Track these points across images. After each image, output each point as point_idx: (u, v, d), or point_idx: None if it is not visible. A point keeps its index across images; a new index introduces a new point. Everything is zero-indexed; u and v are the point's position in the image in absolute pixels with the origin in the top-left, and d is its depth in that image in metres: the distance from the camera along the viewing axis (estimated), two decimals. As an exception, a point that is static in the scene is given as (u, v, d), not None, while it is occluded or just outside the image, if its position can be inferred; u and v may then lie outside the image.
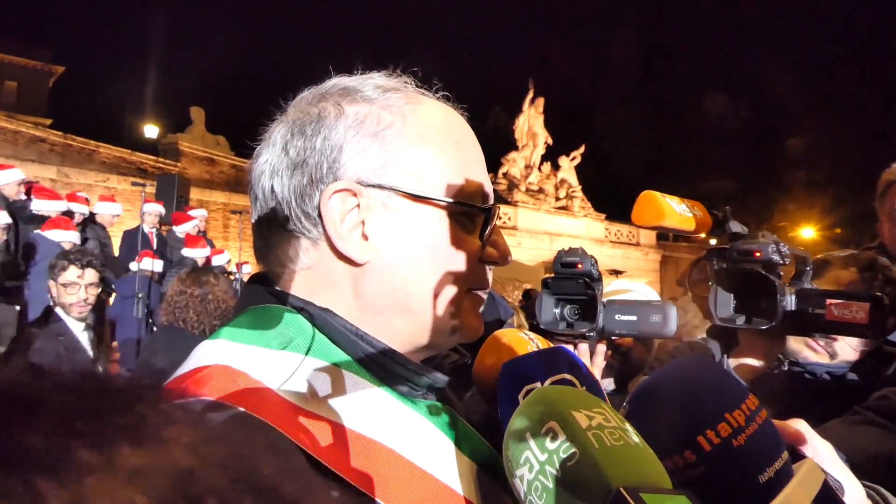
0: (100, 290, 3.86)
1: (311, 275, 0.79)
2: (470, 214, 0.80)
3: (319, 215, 0.76)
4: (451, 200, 0.78)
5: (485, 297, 0.87)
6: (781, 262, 1.26)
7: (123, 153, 19.32)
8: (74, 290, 3.65)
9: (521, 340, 0.95)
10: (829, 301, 1.23)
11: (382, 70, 0.87)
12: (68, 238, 6.84)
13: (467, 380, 1.01)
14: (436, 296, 0.78)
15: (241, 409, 0.63)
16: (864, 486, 0.83)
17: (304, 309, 0.77)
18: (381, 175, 0.77)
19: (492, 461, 0.78)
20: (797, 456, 0.77)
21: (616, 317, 1.33)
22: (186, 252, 8.43)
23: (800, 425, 0.81)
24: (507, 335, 0.97)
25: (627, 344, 2.13)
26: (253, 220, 0.85)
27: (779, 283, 1.23)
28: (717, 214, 1.28)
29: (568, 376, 0.79)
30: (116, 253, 8.95)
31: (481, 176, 0.83)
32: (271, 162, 0.80)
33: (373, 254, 0.77)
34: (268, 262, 0.83)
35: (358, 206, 0.76)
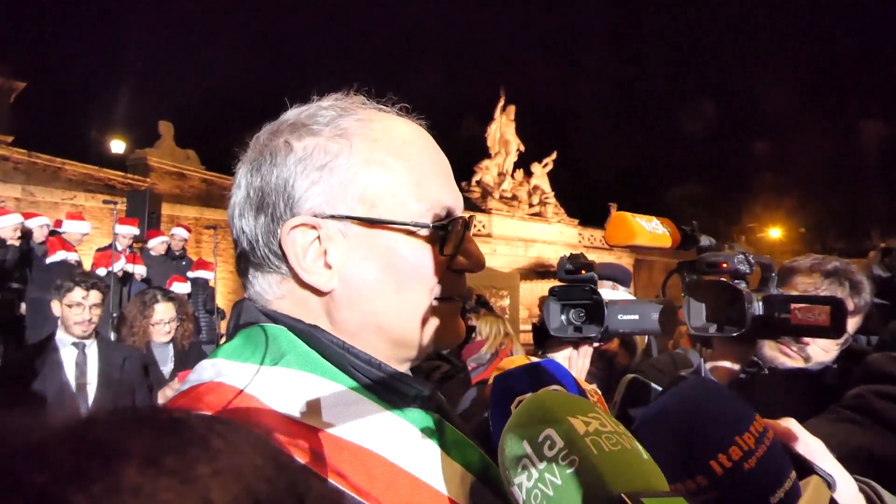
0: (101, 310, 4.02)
1: (286, 304, 0.83)
2: (444, 231, 0.82)
3: (283, 251, 0.80)
4: (405, 221, 0.80)
5: (459, 305, 0.90)
6: (747, 271, 1.34)
7: (90, 170, 18.93)
8: (79, 311, 3.83)
9: (532, 360, 0.99)
10: (793, 305, 1.31)
11: (342, 89, 0.88)
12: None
13: (459, 389, 1.05)
14: (405, 313, 0.81)
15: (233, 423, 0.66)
16: (856, 479, 0.84)
17: (294, 327, 0.80)
18: (334, 206, 0.79)
19: (484, 469, 0.80)
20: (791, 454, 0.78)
21: (619, 317, 1.38)
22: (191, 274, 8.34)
23: (790, 423, 0.82)
24: (515, 361, 1.01)
25: (612, 350, 2.20)
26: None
27: (745, 292, 1.30)
28: (686, 229, 1.35)
29: (557, 388, 0.80)
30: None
31: (440, 188, 0.84)
32: (238, 203, 0.84)
33: (337, 282, 0.80)
34: (250, 294, 0.87)
35: (318, 238, 0.79)
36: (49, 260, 7.86)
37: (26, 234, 8.15)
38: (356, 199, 0.80)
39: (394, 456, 0.73)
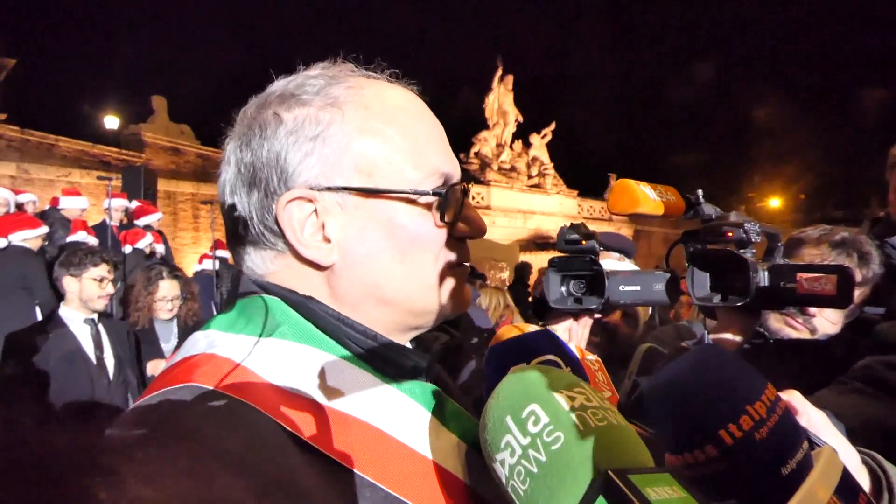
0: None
1: (281, 277, 0.81)
2: (442, 198, 0.80)
3: (280, 227, 0.78)
4: (403, 189, 0.78)
5: (466, 271, 0.89)
6: (753, 240, 1.31)
7: (85, 146, 18.79)
8: (104, 286, 3.90)
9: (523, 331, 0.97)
10: (799, 275, 1.28)
11: (333, 58, 0.86)
12: (37, 234, 6.51)
13: (458, 359, 1.04)
14: (408, 283, 0.80)
15: (227, 395, 0.66)
16: (859, 451, 0.83)
17: (289, 298, 0.79)
18: (330, 177, 0.77)
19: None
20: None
21: (620, 287, 1.36)
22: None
23: (792, 396, 0.81)
24: (512, 330, 0.99)
25: (615, 321, 2.18)
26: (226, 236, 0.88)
27: (751, 261, 1.27)
28: (690, 198, 1.32)
29: (553, 357, 0.79)
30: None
31: (436, 155, 0.83)
32: (229, 180, 0.82)
33: (338, 255, 0.78)
34: (244, 270, 0.85)
35: (315, 211, 0.77)
36: (70, 238, 7.68)
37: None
38: (352, 168, 0.78)
39: (387, 426, 0.73)
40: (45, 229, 6.72)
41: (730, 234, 1.27)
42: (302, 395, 0.70)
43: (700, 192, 1.38)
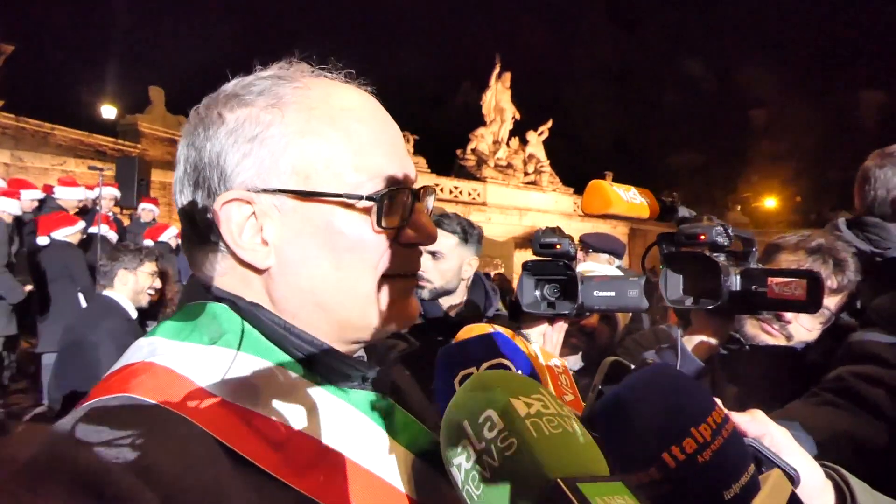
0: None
1: (230, 281, 0.79)
2: (379, 202, 0.77)
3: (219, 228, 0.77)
4: (342, 193, 0.75)
5: (412, 282, 0.85)
6: (726, 243, 1.32)
7: (80, 135, 18.70)
8: (155, 281, 4.15)
9: (486, 331, 0.97)
10: (770, 279, 1.29)
11: (290, 57, 0.84)
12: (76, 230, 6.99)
13: (419, 367, 1.01)
14: (343, 290, 0.77)
15: (159, 406, 0.64)
16: (824, 466, 0.82)
17: (236, 305, 0.77)
18: (266, 179, 0.75)
19: (432, 449, 0.77)
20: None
21: (594, 293, 1.37)
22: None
23: (756, 416, 0.80)
24: (475, 329, 0.98)
25: (592, 325, 2.18)
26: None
27: (722, 264, 1.28)
28: (666, 201, 1.32)
29: (504, 361, 0.78)
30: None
31: (382, 157, 0.79)
32: (178, 179, 0.81)
33: (274, 259, 0.76)
34: (196, 272, 0.84)
35: (254, 213, 0.76)
36: (92, 230, 7.85)
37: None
38: (289, 171, 0.75)
39: (330, 439, 0.71)
40: (82, 224, 7.30)
41: (702, 236, 1.28)
42: (241, 406, 0.67)
43: (676, 194, 1.38)
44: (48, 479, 0.54)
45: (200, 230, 0.79)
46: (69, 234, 6.95)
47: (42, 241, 6.97)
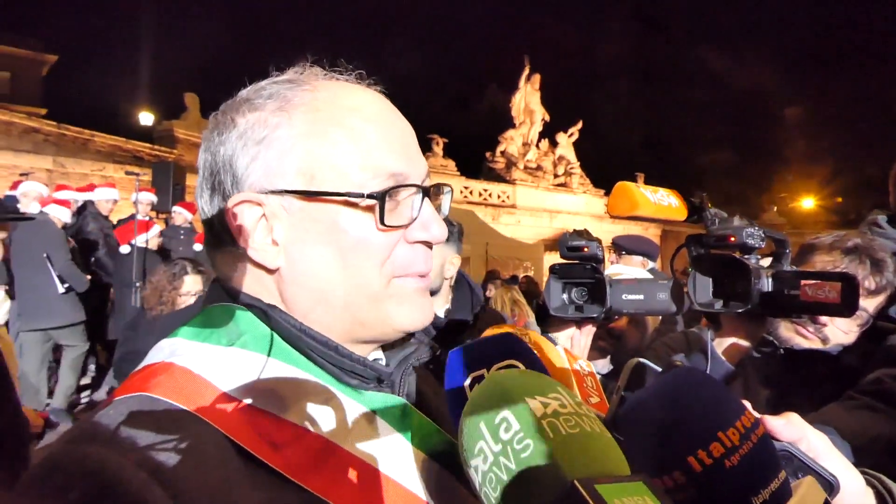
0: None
1: (247, 282, 0.81)
2: (381, 199, 0.77)
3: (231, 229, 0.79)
4: (346, 192, 0.76)
5: (423, 282, 0.84)
6: (757, 245, 1.30)
7: (119, 141, 19.17)
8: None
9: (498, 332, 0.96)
10: (803, 282, 1.26)
11: (304, 61, 0.86)
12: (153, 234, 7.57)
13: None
14: (353, 290, 0.78)
15: (171, 404, 0.66)
16: (864, 473, 0.80)
17: (254, 306, 0.79)
18: (273, 180, 0.77)
19: (448, 451, 0.77)
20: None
21: (623, 296, 1.35)
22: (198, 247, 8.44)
23: (791, 419, 0.77)
24: (499, 330, 0.97)
25: (621, 327, 2.16)
26: None
27: (753, 266, 1.26)
28: (694, 201, 1.31)
29: (515, 363, 0.77)
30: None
31: (389, 156, 0.79)
32: (199, 182, 0.84)
33: (283, 259, 0.78)
34: (218, 274, 0.86)
35: (264, 214, 0.77)
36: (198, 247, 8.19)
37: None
38: (294, 172, 0.77)
39: (343, 440, 0.71)
40: (157, 229, 7.95)
41: (732, 238, 1.26)
42: (255, 406, 0.69)
43: (704, 195, 1.37)
44: (60, 473, 0.56)
45: (218, 233, 0.81)
46: (149, 237, 7.53)
47: (124, 249, 7.47)
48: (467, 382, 0.75)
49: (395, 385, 0.83)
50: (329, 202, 0.77)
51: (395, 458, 0.74)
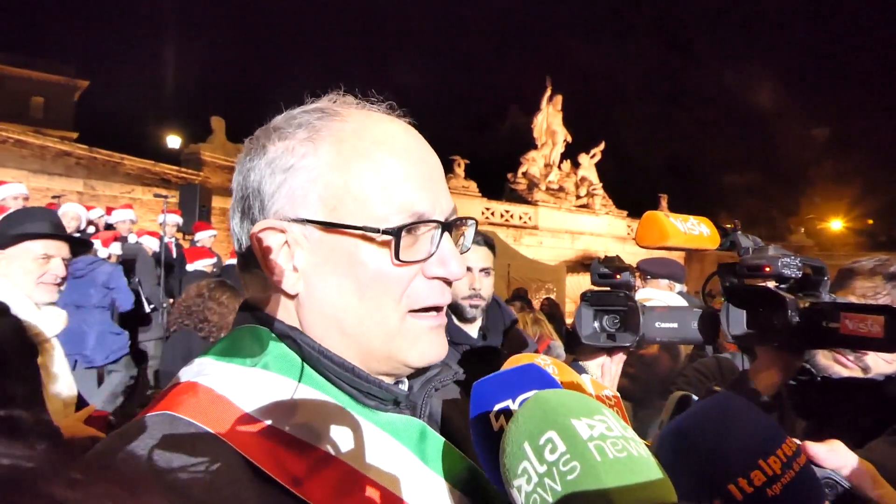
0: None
1: (273, 305, 0.83)
2: (396, 235, 0.77)
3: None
4: (363, 225, 0.76)
5: (438, 318, 0.84)
6: (793, 275, 1.24)
7: (147, 164, 19.61)
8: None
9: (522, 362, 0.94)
10: (843, 314, 1.20)
11: (338, 90, 0.87)
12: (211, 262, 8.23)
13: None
14: (368, 323, 0.79)
15: (191, 422, 0.68)
16: None
17: (277, 328, 0.81)
18: (295, 209, 0.78)
19: (468, 477, 0.78)
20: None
21: (656, 324, 1.32)
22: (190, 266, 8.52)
23: (835, 446, 0.77)
24: (522, 359, 0.95)
25: (652, 355, 2.11)
26: None
27: (789, 299, 1.21)
28: (726, 228, 1.26)
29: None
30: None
31: (411, 191, 0.79)
32: (232, 205, 0.86)
33: (302, 285, 0.79)
34: (247, 295, 0.89)
35: (287, 241, 0.79)
36: (190, 268, 8.37)
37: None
38: (316, 201, 0.78)
39: (360, 464, 0.72)
40: (214, 259, 8.64)
41: (767, 268, 1.21)
42: (273, 426, 0.70)
43: (737, 222, 1.32)
44: (78, 485, 0.55)
45: (247, 255, 0.84)
46: (206, 264, 8.27)
47: (190, 267, 8.23)
48: (493, 415, 0.73)
49: (417, 407, 0.84)
50: (347, 234, 0.78)
51: (414, 483, 0.74)
